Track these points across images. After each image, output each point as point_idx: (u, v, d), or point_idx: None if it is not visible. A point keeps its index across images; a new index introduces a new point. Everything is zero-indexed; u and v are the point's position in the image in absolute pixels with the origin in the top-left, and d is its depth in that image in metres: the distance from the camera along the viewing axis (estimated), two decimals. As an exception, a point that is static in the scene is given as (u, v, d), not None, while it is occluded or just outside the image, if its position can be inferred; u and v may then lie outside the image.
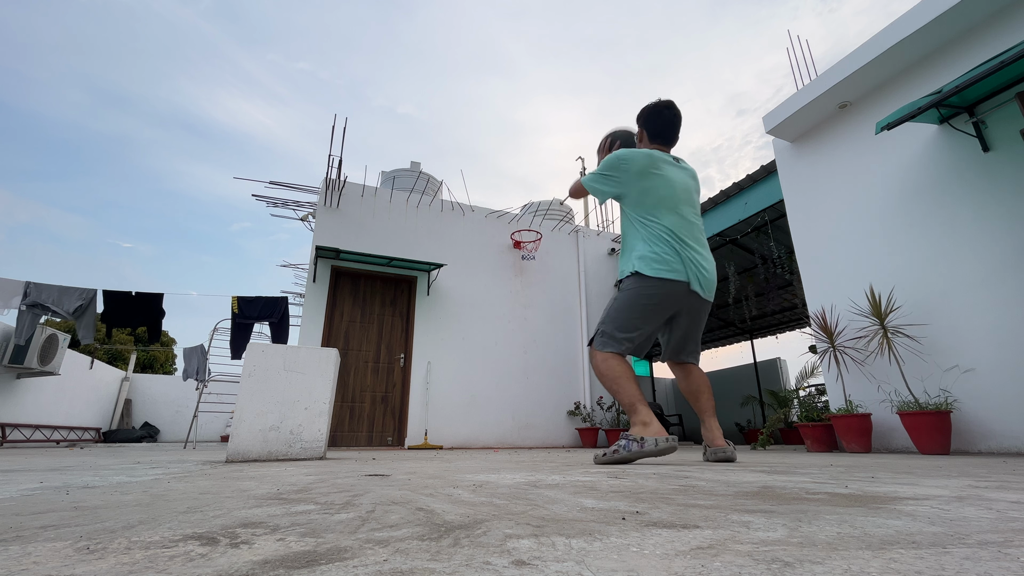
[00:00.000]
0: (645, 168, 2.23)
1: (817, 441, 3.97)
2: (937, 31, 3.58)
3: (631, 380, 2.13)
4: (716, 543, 0.55)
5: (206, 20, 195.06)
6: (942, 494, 0.97)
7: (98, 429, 9.64)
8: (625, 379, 2.12)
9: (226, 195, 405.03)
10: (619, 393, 2.12)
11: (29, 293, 5.63)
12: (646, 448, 1.95)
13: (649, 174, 2.22)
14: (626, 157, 2.25)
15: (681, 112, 2.40)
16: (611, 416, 6.69)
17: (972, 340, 3.30)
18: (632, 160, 2.24)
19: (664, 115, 2.36)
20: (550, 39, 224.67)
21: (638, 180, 2.23)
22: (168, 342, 17.77)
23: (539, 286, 7.13)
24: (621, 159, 2.25)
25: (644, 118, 2.41)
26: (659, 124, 2.36)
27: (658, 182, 2.22)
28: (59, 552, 0.53)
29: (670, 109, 2.36)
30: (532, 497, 0.97)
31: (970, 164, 3.44)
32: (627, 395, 2.09)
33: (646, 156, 2.25)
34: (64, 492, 1.13)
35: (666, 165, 2.27)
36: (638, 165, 2.23)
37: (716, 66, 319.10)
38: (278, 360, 2.73)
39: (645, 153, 2.26)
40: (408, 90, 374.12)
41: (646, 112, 2.40)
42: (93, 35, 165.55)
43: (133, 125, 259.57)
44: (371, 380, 5.89)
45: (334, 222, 6.18)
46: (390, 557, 0.50)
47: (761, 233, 6.55)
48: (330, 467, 1.99)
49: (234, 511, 0.81)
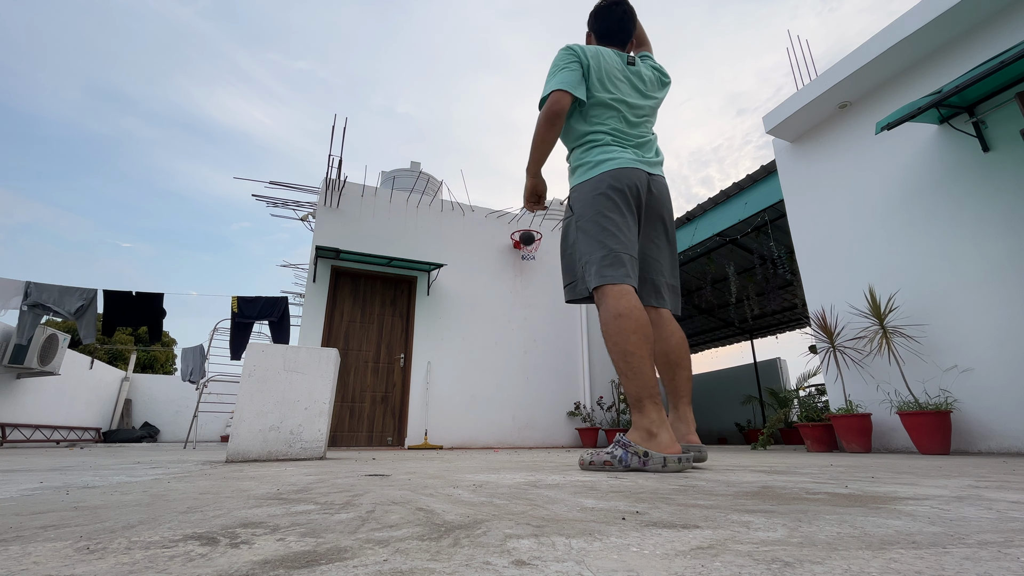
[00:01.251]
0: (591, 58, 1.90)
1: (817, 441, 3.97)
2: (937, 31, 3.58)
3: (646, 359, 1.57)
4: (716, 543, 0.55)
5: (205, 19, 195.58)
6: (942, 494, 0.97)
7: (98, 429, 9.64)
8: (637, 356, 1.56)
9: (225, 195, 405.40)
10: (625, 376, 1.58)
11: (30, 293, 5.63)
12: (649, 467, 1.48)
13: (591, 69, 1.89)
14: (575, 46, 1.94)
15: (633, 8, 2.07)
16: (611, 416, 6.69)
17: (972, 340, 3.30)
18: (584, 49, 1.94)
19: (614, 11, 2.05)
20: (548, 37, 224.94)
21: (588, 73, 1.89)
22: (168, 342, 17.77)
23: (539, 286, 7.13)
24: (571, 47, 1.92)
25: (592, 18, 2.11)
26: (607, 23, 2.06)
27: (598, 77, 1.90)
28: (59, 552, 0.53)
29: (619, 5, 2.05)
30: (532, 497, 0.97)
31: (970, 164, 3.44)
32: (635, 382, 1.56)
33: (596, 50, 1.94)
34: (64, 492, 1.13)
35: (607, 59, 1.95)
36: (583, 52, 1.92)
37: (716, 65, 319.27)
38: (278, 360, 2.73)
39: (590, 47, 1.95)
40: (407, 89, 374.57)
41: (593, 12, 2.10)
42: (92, 34, 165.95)
43: (132, 124, 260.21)
44: (371, 380, 5.89)
45: (334, 222, 6.18)
46: (390, 557, 0.50)
47: (761, 233, 6.55)
48: (330, 467, 1.99)
49: (234, 511, 0.81)
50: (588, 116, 1.90)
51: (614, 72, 1.92)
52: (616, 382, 6.98)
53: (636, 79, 1.96)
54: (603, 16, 2.06)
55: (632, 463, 1.51)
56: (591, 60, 1.88)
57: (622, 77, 1.93)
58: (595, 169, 1.82)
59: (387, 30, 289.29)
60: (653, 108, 2.00)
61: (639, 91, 1.96)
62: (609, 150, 1.84)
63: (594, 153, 1.85)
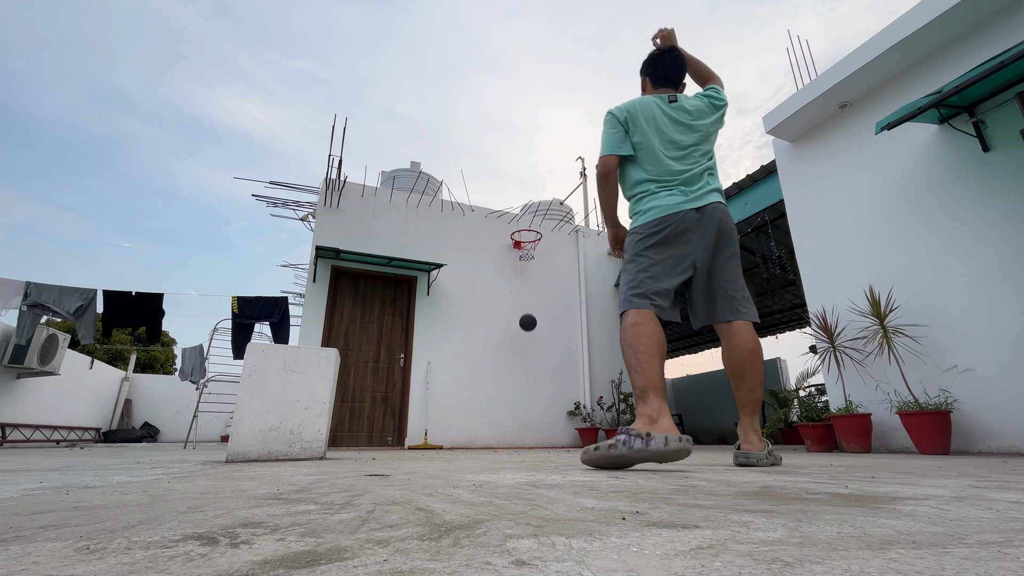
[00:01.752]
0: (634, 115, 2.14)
1: (817, 441, 3.97)
2: (937, 31, 3.58)
3: (655, 359, 1.76)
4: (716, 543, 0.54)
5: (204, 19, 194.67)
6: (942, 494, 0.97)
7: (98, 429, 9.64)
8: (648, 355, 1.76)
9: (225, 194, 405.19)
10: (635, 371, 1.77)
11: (30, 293, 5.63)
12: (652, 447, 1.54)
13: (638, 121, 2.13)
14: (615, 109, 2.19)
15: (682, 54, 2.33)
16: (611, 416, 6.69)
17: (972, 340, 3.30)
18: (622, 108, 2.17)
19: (666, 58, 2.30)
20: (549, 37, 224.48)
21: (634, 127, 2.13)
22: (168, 342, 17.78)
23: (539, 286, 7.13)
24: (611, 112, 2.18)
25: (646, 65, 2.35)
26: (661, 68, 2.29)
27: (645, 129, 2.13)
28: (59, 552, 0.53)
29: (670, 52, 2.31)
30: (532, 497, 0.97)
31: (970, 164, 3.44)
32: (643, 376, 1.73)
33: (633, 103, 2.18)
34: (64, 492, 1.13)
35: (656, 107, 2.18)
36: (628, 111, 2.15)
37: (716, 64, 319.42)
38: (278, 360, 2.73)
39: (633, 101, 2.19)
40: (407, 89, 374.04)
41: (647, 60, 2.35)
42: (90, 33, 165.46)
43: (131, 124, 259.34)
44: (371, 380, 5.89)
45: (334, 222, 6.18)
46: (390, 557, 0.50)
47: (761, 233, 6.55)
48: (330, 467, 1.99)
49: (234, 511, 0.81)
50: (639, 162, 2.13)
51: (654, 117, 2.13)
52: (616, 382, 7.00)
53: (679, 114, 2.15)
54: (657, 62, 2.31)
55: (635, 444, 1.58)
56: (628, 117, 2.13)
57: (663, 118, 2.14)
58: (640, 218, 2.07)
59: (387, 29, 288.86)
60: (704, 136, 2.16)
61: (683, 124, 2.14)
62: (653, 199, 2.06)
63: (641, 203, 2.10)
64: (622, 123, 2.12)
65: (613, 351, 7.24)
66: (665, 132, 2.10)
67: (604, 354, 7.16)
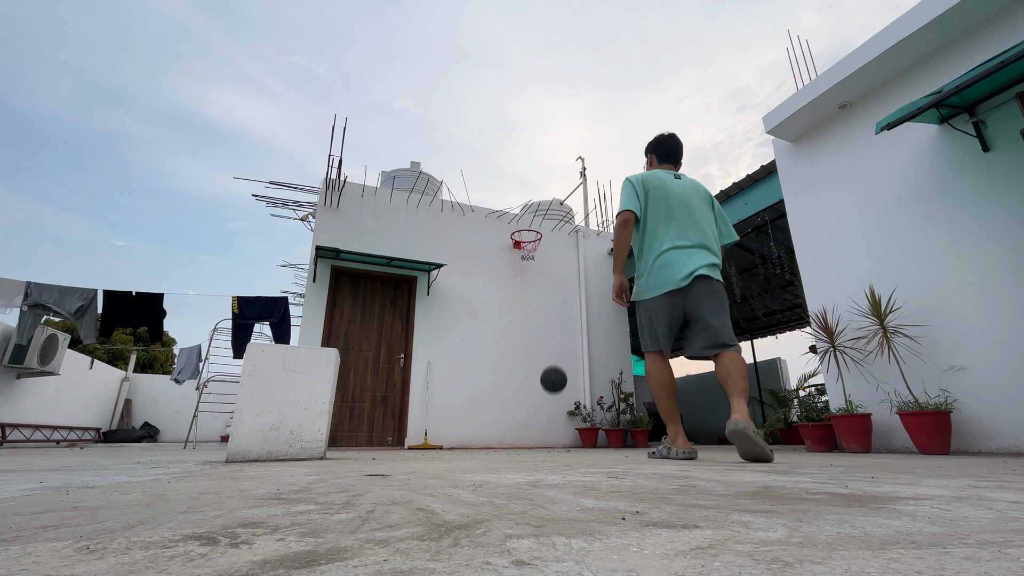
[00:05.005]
0: (647, 181, 2.81)
1: (817, 441, 3.97)
2: (937, 31, 3.58)
3: (669, 397, 2.65)
4: (716, 543, 0.55)
5: (197, 13, 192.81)
6: (942, 494, 0.97)
7: (98, 429, 9.64)
8: (665, 396, 2.65)
9: (221, 193, 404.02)
10: (658, 406, 2.68)
11: (30, 293, 5.63)
12: (671, 456, 2.55)
13: (650, 187, 2.79)
14: (632, 177, 2.86)
15: (680, 140, 3.08)
16: (611, 416, 6.69)
17: (972, 340, 3.30)
18: (638, 177, 2.83)
19: (669, 141, 3.01)
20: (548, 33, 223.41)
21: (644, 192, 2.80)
22: (169, 342, 17.78)
23: (539, 286, 7.13)
24: (628, 179, 2.85)
25: (653, 146, 3.06)
26: (666, 148, 3.00)
27: (656, 195, 2.78)
28: (59, 552, 0.53)
29: (673, 137, 3.03)
30: (532, 497, 0.97)
31: (970, 164, 3.44)
32: (663, 411, 2.66)
33: (647, 174, 2.85)
34: (64, 492, 1.13)
35: (667, 179, 2.83)
36: (643, 178, 2.84)
37: (716, 61, 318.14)
38: (278, 360, 2.73)
39: (647, 173, 2.87)
40: (404, 85, 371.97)
41: (654, 141, 3.07)
42: (84, 29, 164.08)
43: (125, 121, 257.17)
44: (371, 380, 5.89)
45: (334, 222, 6.18)
46: (390, 557, 0.50)
47: (761, 233, 6.55)
48: (330, 467, 1.99)
49: (234, 511, 0.81)
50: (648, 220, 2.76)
51: (664, 184, 2.77)
52: (616, 382, 7.03)
53: (686, 188, 2.80)
54: (663, 144, 3.03)
55: (663, 453, 2.58)
56: (645, 185, 2.79)
57: (671, 187, 2.77)
58: (643, 293, 2.75)
59: (383, 24, 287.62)
60: (703, 213, 2.75)
61: (687, 194, 2.76)
62: (650, 276, 2.71)
63: (646, 275, 2.74)
64: (637, 191, 2.78)
65: (613, 351, 7.24)
66: (673, 195, 2.73)
67: (604, 354, 7.16)
